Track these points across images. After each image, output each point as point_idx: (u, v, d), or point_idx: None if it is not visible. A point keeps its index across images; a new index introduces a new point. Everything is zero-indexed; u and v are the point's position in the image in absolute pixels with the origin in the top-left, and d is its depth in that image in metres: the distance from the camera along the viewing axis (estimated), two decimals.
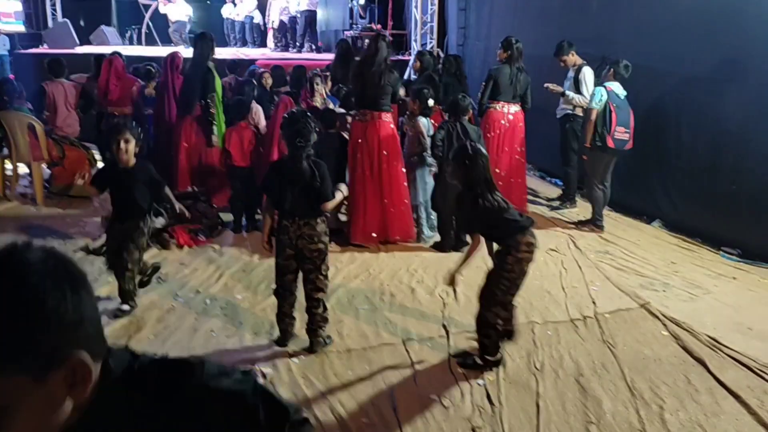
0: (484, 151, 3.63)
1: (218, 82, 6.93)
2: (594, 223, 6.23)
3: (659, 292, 4.74)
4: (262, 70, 8.36)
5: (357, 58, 6.18)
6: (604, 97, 5.90)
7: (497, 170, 6.11)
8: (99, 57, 7.36)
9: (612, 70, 6.06)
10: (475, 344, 3.65)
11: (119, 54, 7.28)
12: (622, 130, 5.94)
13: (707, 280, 5.00)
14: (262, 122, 6.17)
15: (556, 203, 7.07)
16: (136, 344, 3.76)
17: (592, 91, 6.15)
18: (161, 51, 11.16)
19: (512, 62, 6.42)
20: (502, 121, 6.46)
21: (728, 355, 3.78)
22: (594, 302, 4.52)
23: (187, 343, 3.82)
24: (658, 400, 3.28)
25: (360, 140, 5.47)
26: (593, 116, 5.92)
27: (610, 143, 5.88)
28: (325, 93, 6.47)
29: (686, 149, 6.15)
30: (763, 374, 3.55)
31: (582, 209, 6.77)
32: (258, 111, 6.19)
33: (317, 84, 6.31)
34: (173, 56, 6.60)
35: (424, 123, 5.69)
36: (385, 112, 5.48)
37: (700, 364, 3.68)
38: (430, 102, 5.69)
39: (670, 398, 3.31)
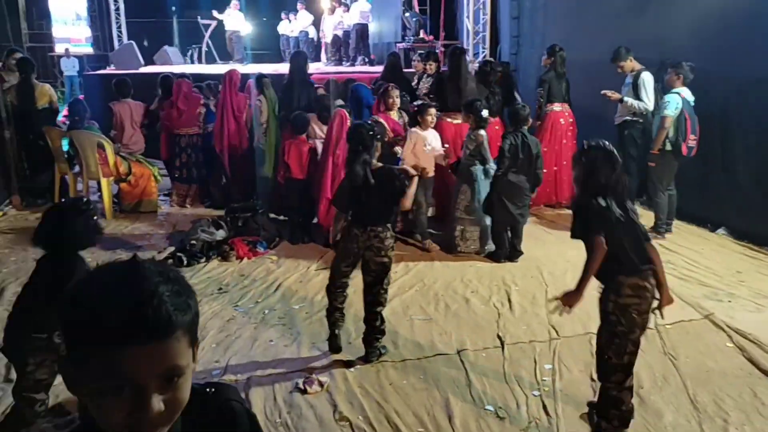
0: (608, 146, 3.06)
1: (272, 97, 7.16)
2: (656, 230, 6.09)
3: (724, 302, 4.60)
4: (317, 85, 8.52)
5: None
6: (680, 105, 5.78)
7: (564, 162, 7.04)
8: (165, 78, 7.67)
9: (678, 74, 5.92)
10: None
11: (187, 77, 7.57)
12: (693, 137, 5.83)
13: None
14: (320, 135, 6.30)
15: None
16: (200, 352, 3.89)
17: (666, 99, 5.99)
18: (221, 68, 11.54)
19: (557, 67, 7.11)
20: (561, 120, 7.20)
21: None
22: (655, 314, 4.40)
23: (246, 351, 3.94)
24: (723, 414, 3.19)
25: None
26: (667, 124, 5.80)
27: (684, 151, 5.79)
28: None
29: (751, 154, 5.95)
30: None
31: (642, 217, 6.60)
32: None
33: (396, 97, 6.09)
34: (231, 74, 6.83)
35: (484, 135, 5.67)
36: None
37: (767, 377, 3.55)
38: (485, 113, 5.69)
39: (735, 412, 3.21)
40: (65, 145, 7.01)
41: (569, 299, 2.96)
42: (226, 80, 6.81)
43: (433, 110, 5.93)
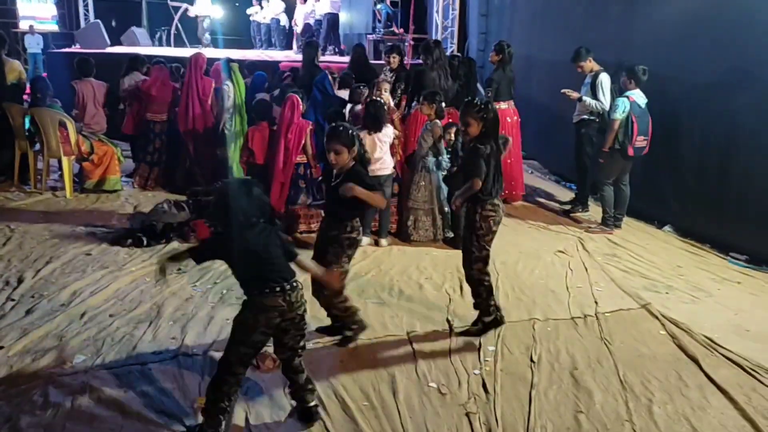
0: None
1: (241, 83, 7.22)
2: (605, 224, 6.36)
3: (662, 293, 4.86)
4: (287, 73, 8.58)
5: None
6: (627, 109, 6.02)
7: (509, 160, 7.06)
8: (134, 58, 7.67)
9: (631, 77, 6.16)
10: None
11: (163, 62, 7.57)
12: (641, 138, 6.09)
13: (711, 284, 5.10)
14: None
15: (569, 206, 7.19)
16: (157, 329, 4.00)
17: (615, 102, 6.23)
18: (189, 52, 11.48)
19: (505, 65, 7.20)
20: (508, 119, 7.18)
21: (723, 354, 3.90)
22: (596, 302, 4.66)
23: (203, 329, 4.03)
24: (648, 394, 3.42)
25: None
26: (615, 126, 6.06)
27: (630, 152, 6.05)
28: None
29: (697, 155, 6.25)
30: (754, 373, 3.66)
31: (595, 213, 6.88)
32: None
33: (385, 90, 6.05)
34: (196, 57, 6.87)
35: (440, 126, 5.85)
36: None
37: (693, 362, 3.80)
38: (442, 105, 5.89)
39: (659, 392, 3.44)
40: (27, 123, 6.96)
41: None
42: (191, 63, 6.85)
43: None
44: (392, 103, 6.18)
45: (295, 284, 2.94)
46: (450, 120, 6.53)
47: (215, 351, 3.72)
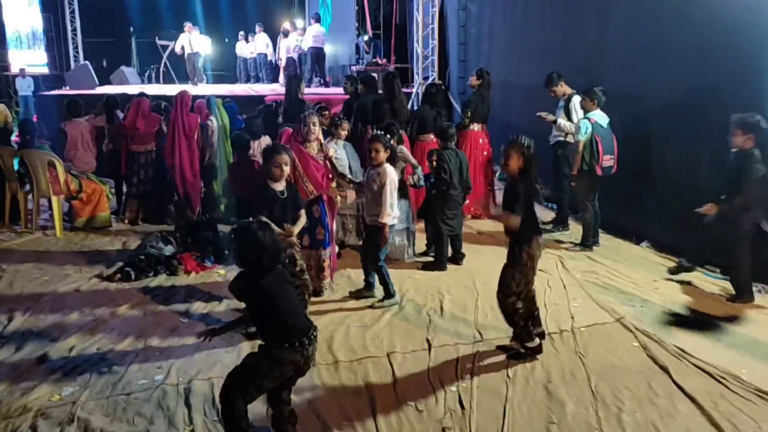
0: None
1: (225, 118, 7.42)
2: (584, 244, 6.52)
3: (636, 307, 4.99)
4: (259, 107, 8.82)
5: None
6: (589, 129, 6.22)
7: (481, 180, 7.65)
8: (110, 98, 7.87)
9: (591, 99, 6.37)
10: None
11: (145, 94, 7.76)
12: (608, 157, 6.27)
13: (684, 296, 5.23)
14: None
15: (549, 226, 7.35)
16: (144, 359, 4.11)
17: (578, 124, 6.46)
18: (178, 88, 11.73)
19: (483, 90, 7.56)
20: (480, 140, 7.74)
21: (693, 363, 4.02)
22: (572, 317, 4.79)
23: (189, 357, 4.14)
24: (618, 403, 3.54)
25: None
26: (580, 148, 6.26)
27: (599, 171, 6.22)
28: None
29: (672, 172, 6.42)
30: (723, 380, 3.78)
31: (575, 232, 7.03)
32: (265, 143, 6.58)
33: (313, 125, 5.09)
34: (182, 94, 7.07)
35: (404, 149, 6.25)
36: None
37: (664, 371, 3.92)
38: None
39: (629, 401, 3.56)
40: (16, 165, 7.12)
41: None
42: (177, 100, 7.03)
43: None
44: (323, 139, 5.48)
45: (313, 337, 3.05)
46: (431, 148, 6.79)
47: (200, 380, 3.83)
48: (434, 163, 6.03)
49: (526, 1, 9.61)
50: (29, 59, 18.15)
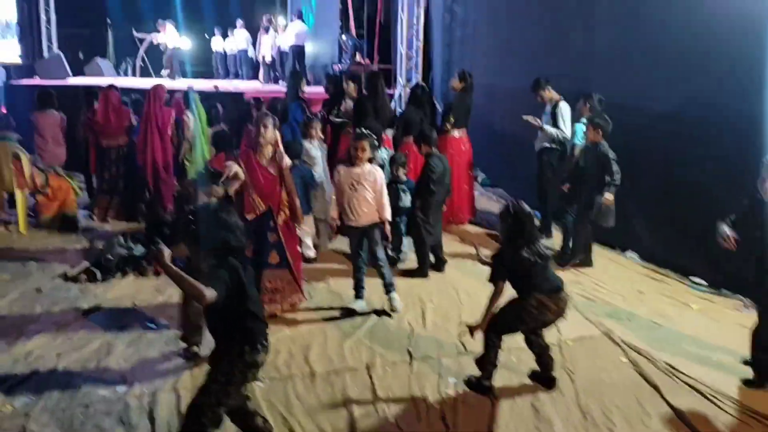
0: (527, 209, 3.74)
1: (202, 113, 7.16)
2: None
3: (623, 320, 4.85)
4: (251, 102, 8.57)
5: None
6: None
7: (465, 186, 7.50)
8: (90, 90, 7.54)
9: (587, 104, 6.26)
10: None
11: (114, 87, 7.43)
12: None
13: (672, 309, 5.11)
14: None
15: None
16: (106, 368, 3.84)
17: (574, 128, 6.31)
18: (155, 82, 11.43)
19: (466, 93, 7.31)
20: (462, 147, 7.46)
21: (683, 381, 3.88)
22: (558, 330, 4.60)
23: (153, 366, 3.89)
24: (609, 423, 3.38)
25: None
26: (576, 152, 6.11)
27: None
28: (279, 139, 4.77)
29: (658, 181, 6.30)
30: (714, 399, 3.64)
31: (558, 239, 6.88)
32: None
33: (264, 127, 4.45)
34: (156, 88, 6.79)
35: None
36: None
37: (654, 389, 3.77)
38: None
39: (620, 421, 3.40)
40: None
41: (475, 329, 3.67)
42: (150, 94, 6.76)
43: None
44: (279, 139, 4.88)
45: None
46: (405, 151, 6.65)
47: (166, 391, 3.58)
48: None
49: (512, 4, 9.47)
50: (1, 49, 17.58)
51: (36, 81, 12.14)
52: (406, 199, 5.84)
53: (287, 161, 4.66)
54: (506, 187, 9.56)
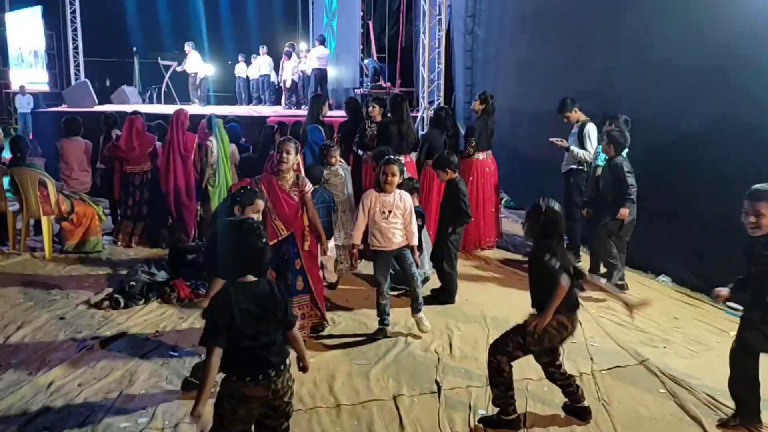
0: (557, 206, 3.51)
1: (225, 139, 7.16)
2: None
3: (659, 348, 4.66)
4: (276, 127, 8.57)
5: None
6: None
7: (492, 209, 7.39)
8: (109, 116, 7.59)
9: (612, 126, 6.13)
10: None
11: (139, 113, 7.48)
12: None
13: (709, 336, 4.91)
14: None
15: None
16: (127, 399, 3.77)
17: (596, 150, 6.20)
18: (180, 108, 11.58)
19: (488, 115, 7.19)
20: (487, 169, 7.34)
21: (726, 413, 3.68)
22: (592, 359, 4.45)
23: (176, 397, 3.81)
24: None
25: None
26: (598, 173, 5.99)
27: None
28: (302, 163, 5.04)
29: (690, 202, 6.12)
30: None
31: (586, 263, 6.72)
32: None
33: (287, 153, 4.40)
34: (179, 113, 6.82)
35: None
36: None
37: (696, 423, 3.58)
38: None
39: None
40: (6, 183, 6.83)
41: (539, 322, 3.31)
42: (173, 119, 6.78)
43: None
44: (301, 164, 5.10)
45: (282, 368, 2.62)
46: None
47: (189, 423, 3.49)
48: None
49: (534, 25, 9.42)
50: (30, 77, 18.01)
51: (63, 108, 12.33)
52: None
53: (309, 186, 4.61)
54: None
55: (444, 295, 5.65)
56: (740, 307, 5.43)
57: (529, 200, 9.28)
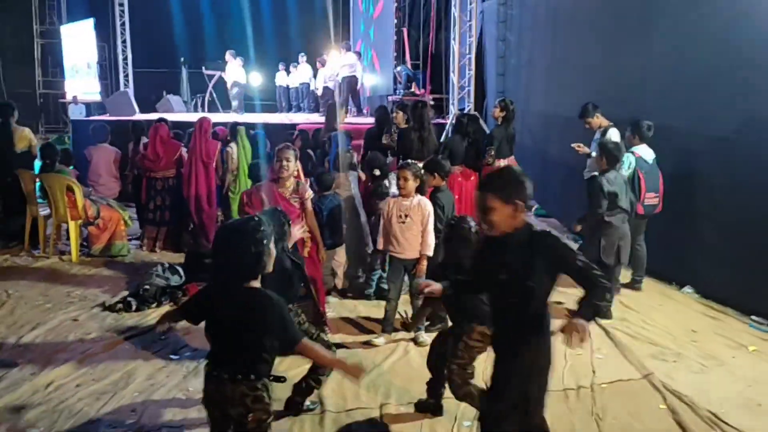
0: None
1: (247, 145, 7.27)
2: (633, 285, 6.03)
3: (668, 362, 4.47)
4: (296, 133, 8.67)
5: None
6: (633, 164, 5.78)
7: None
8: (137, 124, 7.82)
9: (634, 133, 5.95)
10: None
11: (165, 120, 7.68)
12: (651, 195, 5.82)
13: (725, 350, 4.68)
14: None
15: None
16: (120, 400, 3.84)
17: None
18: (221, 117, 11.90)
19: (508, 122, 7.12)
20: None
21: None
22: (594, 371, 4.30)
23: (167, 400, 3.86)
24: None
25: None
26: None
27: (640, 210, 5.75)
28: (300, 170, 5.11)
29: (718, 211, 5.86)
30: None
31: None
32: None
33: (286, 160, 4.43)
34: (202, 121, 6.96)
35: None
36: None
37: None
38: (376, 172, 6.08)
39: None
40: (36, 189, 7.11)
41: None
42: (196, 127, 6.94)
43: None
44: (301, 171, 5.28)
45: (239, 377, 2.49)
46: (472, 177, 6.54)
47: (171, 427, 3.54)
48: None
49: (567, 30, 9.22)
50: (84, 87, 18.73)
51: (105, 117, 12.77)
52: None
53: (309, 193, 4.62)
54: (560, 216, 9.21)
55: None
56: (766, 321, 5.20)
57: (559, 208, 9.06)
